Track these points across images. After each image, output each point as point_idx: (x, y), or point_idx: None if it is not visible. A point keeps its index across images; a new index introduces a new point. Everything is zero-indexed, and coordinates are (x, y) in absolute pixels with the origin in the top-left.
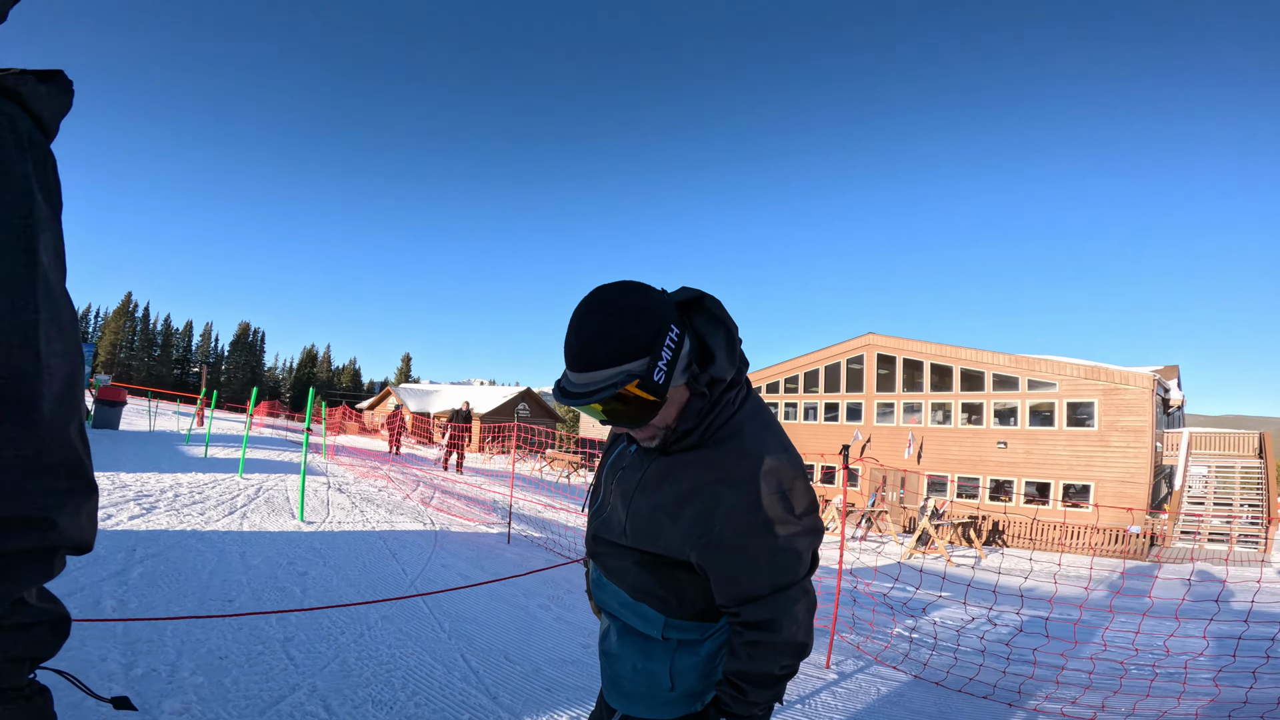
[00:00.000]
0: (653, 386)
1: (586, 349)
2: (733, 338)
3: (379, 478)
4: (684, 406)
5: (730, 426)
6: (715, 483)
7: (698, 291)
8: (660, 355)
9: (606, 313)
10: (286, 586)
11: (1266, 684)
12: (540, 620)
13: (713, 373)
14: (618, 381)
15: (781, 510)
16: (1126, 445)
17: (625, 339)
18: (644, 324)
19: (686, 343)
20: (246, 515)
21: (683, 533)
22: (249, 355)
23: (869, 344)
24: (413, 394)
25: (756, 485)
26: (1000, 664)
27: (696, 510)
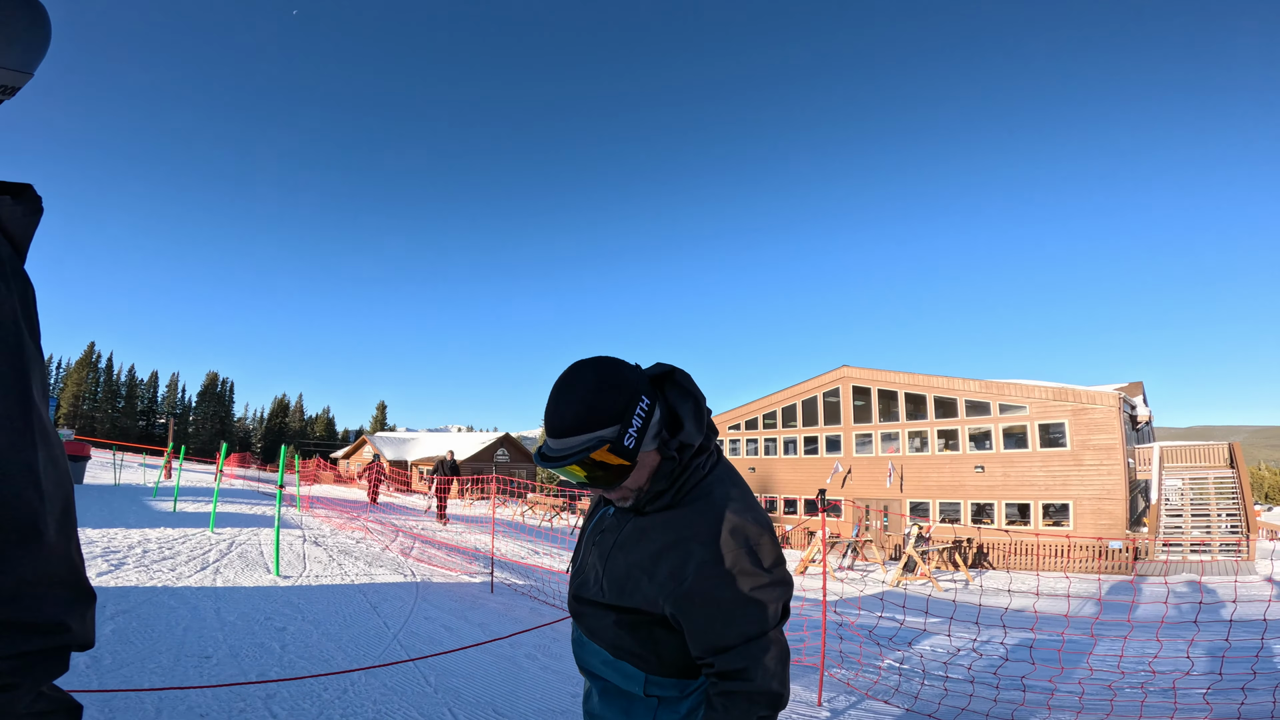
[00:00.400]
0: (623, 451)
1: (564, 417)
2: (700, 407)
3: (356, 529)
4: (655, 469)
5: (701, 488)
6: (687, 539)
7: (669, 366)
8: (631, 423)
9: (583, 385)
10: (265, 642)
11: (1259, 697)
12: (527, 670)
13: (681, 439)
14: (590, 446)
15: (749, 564)
16: (1099, 463)
17: (598, 408)
18: (616, 395)
19: (657, 412)
20: (219, 570)
21: (658, 587)
22: (218, 406)
23: (844, 377)
24: (389, 442)
25: (725, 541)
26: (990, 691)
27: (670, 565)
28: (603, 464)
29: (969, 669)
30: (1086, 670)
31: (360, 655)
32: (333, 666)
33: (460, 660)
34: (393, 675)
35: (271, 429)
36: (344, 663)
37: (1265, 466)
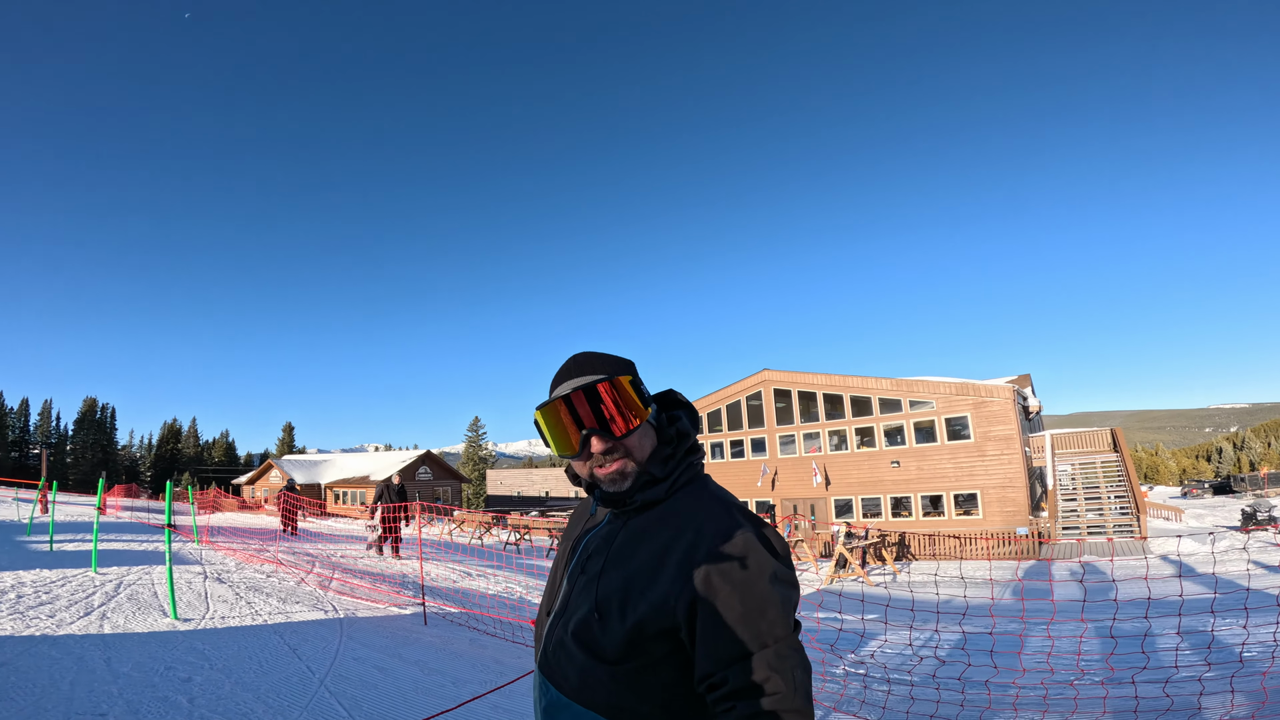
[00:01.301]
0: (641, 392)
1: (581, 363)
2: (693, 412)
3: (266, 561)
4: (654, 450)
5: (697, 482)
6: (694, 523)
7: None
8: (640, 382)
9: (587, 356)
10: (169, 696)
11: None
12: (476, 711)
13: (679, 427)
14: (616, 371)
15: (761, 550)
16: (1000, 453)
17: (612, 363)
18: (625, 363)
19: (654, 408)
20: (107, 615)
21: (667, 584)
22: (98, 434)
23: (765, 380)
24: (299, 465)
25: (735, 525)
26: (956, 695)
27: (677, 557)
28: (617, 400)
29: (933, 676)
30: (1042, 662)
31: (284, 706)
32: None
33: (397, 704)
34: None
35: (162, 456)
36: (265, 716)
37: (1141, 448)
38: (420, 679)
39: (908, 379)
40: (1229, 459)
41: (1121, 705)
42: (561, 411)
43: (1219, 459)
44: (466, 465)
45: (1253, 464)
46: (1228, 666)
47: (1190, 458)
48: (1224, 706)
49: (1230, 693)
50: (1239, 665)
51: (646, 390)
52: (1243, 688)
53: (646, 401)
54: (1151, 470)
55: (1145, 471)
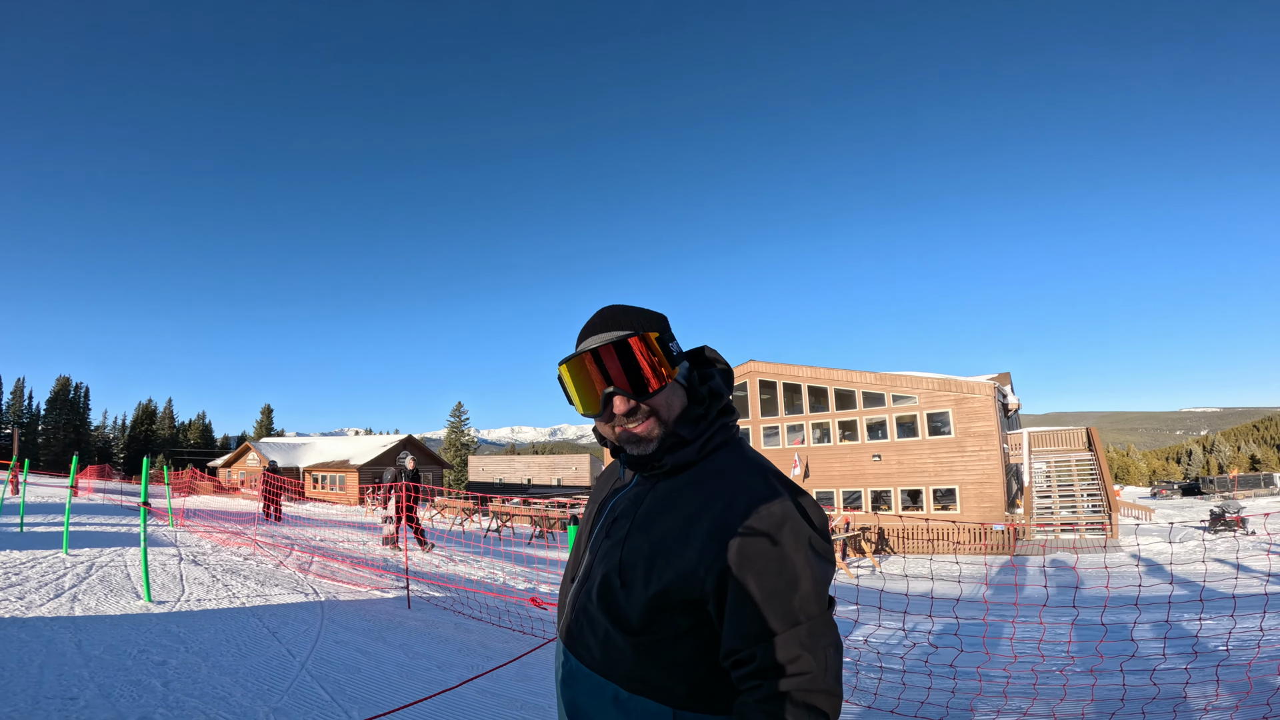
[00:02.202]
0: (669, 348)
1: (605, 318)
2: (729, 374)
3: (243, 544)
4: (684, 409)
5: (728, 447)
6: (726, 488)
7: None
8: (672, 338)
9: (621, 308)
10: (142, 679)
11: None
12: (464, 695)
13: (712, 386)
14: (642, 326)
15: (800, 520)
16: (980, 449)
17: (642, 319)
18: (657, 318)
19: (685, 365)
20: (78, 597)
21: (696, 551)
22: (71, 414)
23: (751, 371)
24: (277, 448)
25: (771, 493)
26: (947, 683)
27: (709, 524)
28: (644, 356)
29: (925, 662)
30: (1024, 655)
31: (264, 690)
32: (231, 705)
33: (381, 687)
34: (305, 712)
35: (136, 437)
36: (244, 699)
37: (1113, 449)
38: (405, 662)
39: (891, 374)
40: (1198, 461)
41: (1107, 694)
42: (587, 366)
43: (1189, 461)
44: (449, 451)
45: (1221, 466)
46: (1211, 657)
47: (1161, 459)
48: (1208, 696)
49: (1216, 682)
50: (1224, 655)
51: (678, 346)
52: (1226, 678)
53: (676, 360)
54: (1122, 470)
55: (1116, 472)
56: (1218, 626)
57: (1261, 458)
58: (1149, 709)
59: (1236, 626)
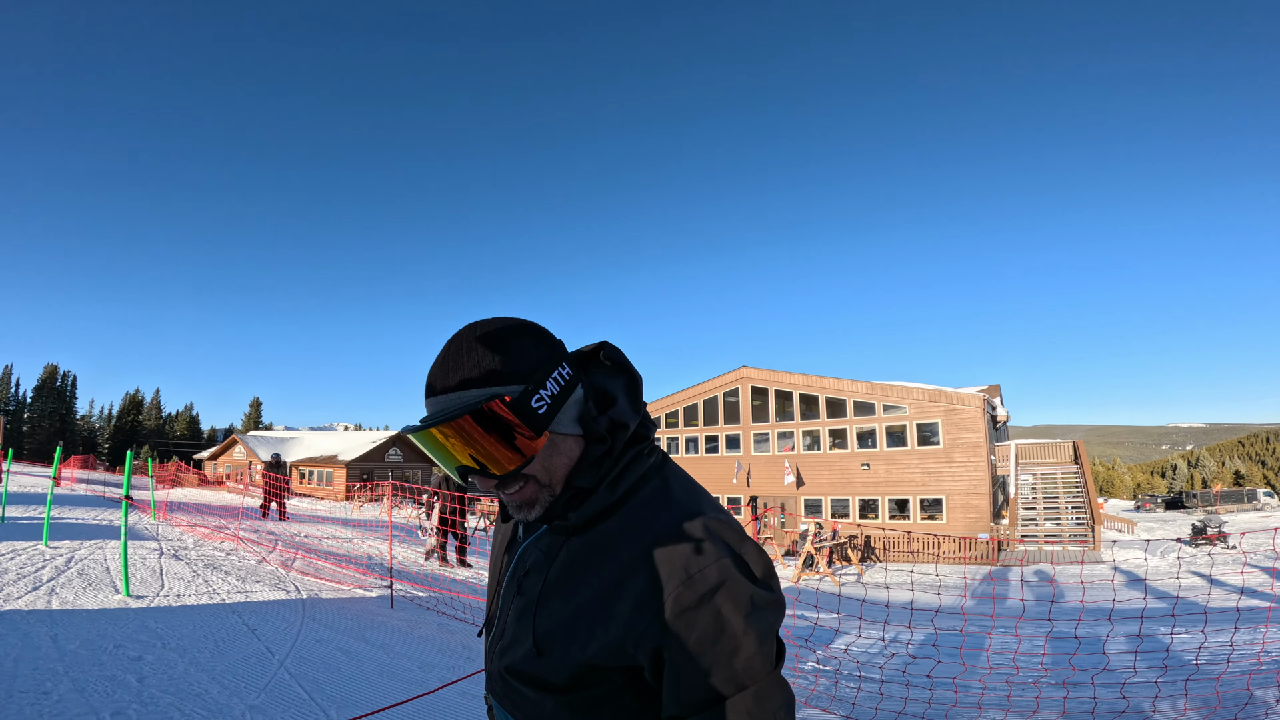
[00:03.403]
0: (528, 414)
1: (448, 369)
2: (635, 383)
3: (226, 539)
4: (579, 459)
5: (650, 485)
6: (652, 552)
7: (598, 343)
8: (543, 384)
9: (483, 332)
10: (117, 675)
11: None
12: (444, 697)
13: (612, 415)
14: (481, 398)
15: (739, 576)
16: (968, 460)
17: (499, 359)
18: (526, 348)
19: (579, 391)
20: (55, 591)
21: (622, 626)
22: (57, 402)
23: (743, 377)
24: (265, 442)
25: (705, 547)
26: (924, 694)
27: (635, 591)
28: (495, 432)
29: (903, 672)
30: (1000, 666)
31: (241, 687)
32: (206, 701)
33: (362, 688)
34: (283, 711)
35: (122, 428)
36: (220, 696)
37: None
38: (385, 662)
39: (882, 383)
40: (1183, 475)
41: (1079, 706)
42: (435, 439)
43: (1173, 475)
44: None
45: (1205, 481)
46: (1181, 670)
47: (1145, 473)
48: (1176, 711)
49: (1185, 695)
50: (1194, 669)
51: (562, 374)
52: (1196, 692)
53: (556, 403)
54: (1107, 483)
55: (1101, 485)
56: (1190, 640)
57: (1245, 473)
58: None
59: (1208, 640)
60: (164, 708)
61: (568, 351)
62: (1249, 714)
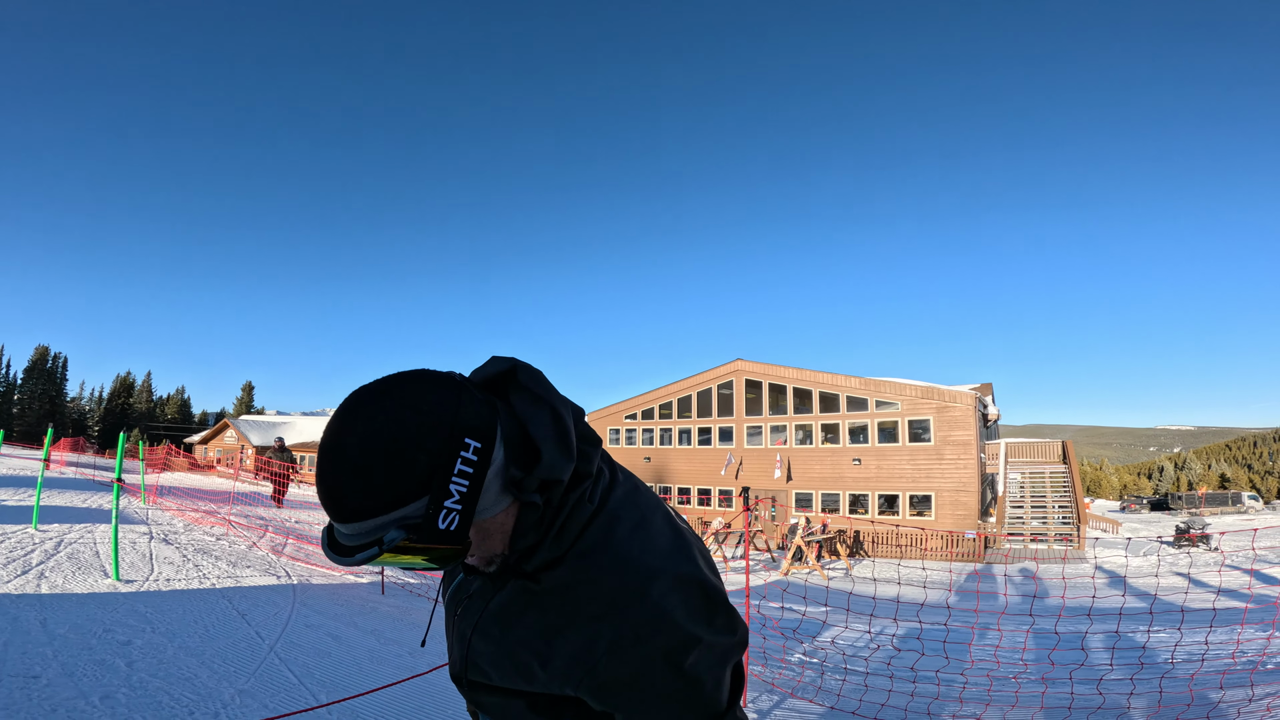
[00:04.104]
0: (439, 536)
1: (339, 491)
2: (560, 419)
3: (216, 523)
4: (514, 527)
5: (593, 531)
6: (589, 612)
7: (508, 362)
8: (447, 491)
9: (361, 438)
10: (106, 659)
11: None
12: (434, 683)
13: (541, 474)
14: (385, 537)
15: (686, 629)
16: (958, 457)
17: (388, 478)
18: (419, 447)
19: (499, 450)
20: (45, 575)
21: (559, 674)
22: (47, 384)
23: (737, 370)
24: (256, 426)
25: (646, 606)
26: (907, 686)
27: (571, 648)
28: (415, 552)
29: (888, 665)
30: (982, 660)
31: (230, 672)
32: (195, 686)
33: (352, 672)
34: (273, 695)
35: (112, 410)
36: (209, 680)
37: (1087, 462)
38: (376, 648)
39: (875, 379)
40: (1169, 478)
41: (1056, 702)
42: None
43: (1159, 477)
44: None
45: (1191, 484)
46: (1156, 669)
47: (1132, 474)
48: (1150, 708)
49: (1159, 693)
50: (1169, 667)
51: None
52: (1170, 689)
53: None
54: (1094, 484)
55: (1089, 485)
56: (1167, 639)
57: (1231, 476)
58: (1093, 718)
59: (1184, 640)
60: (153, 691)
61: (472, 393)
62: (1220, 713)
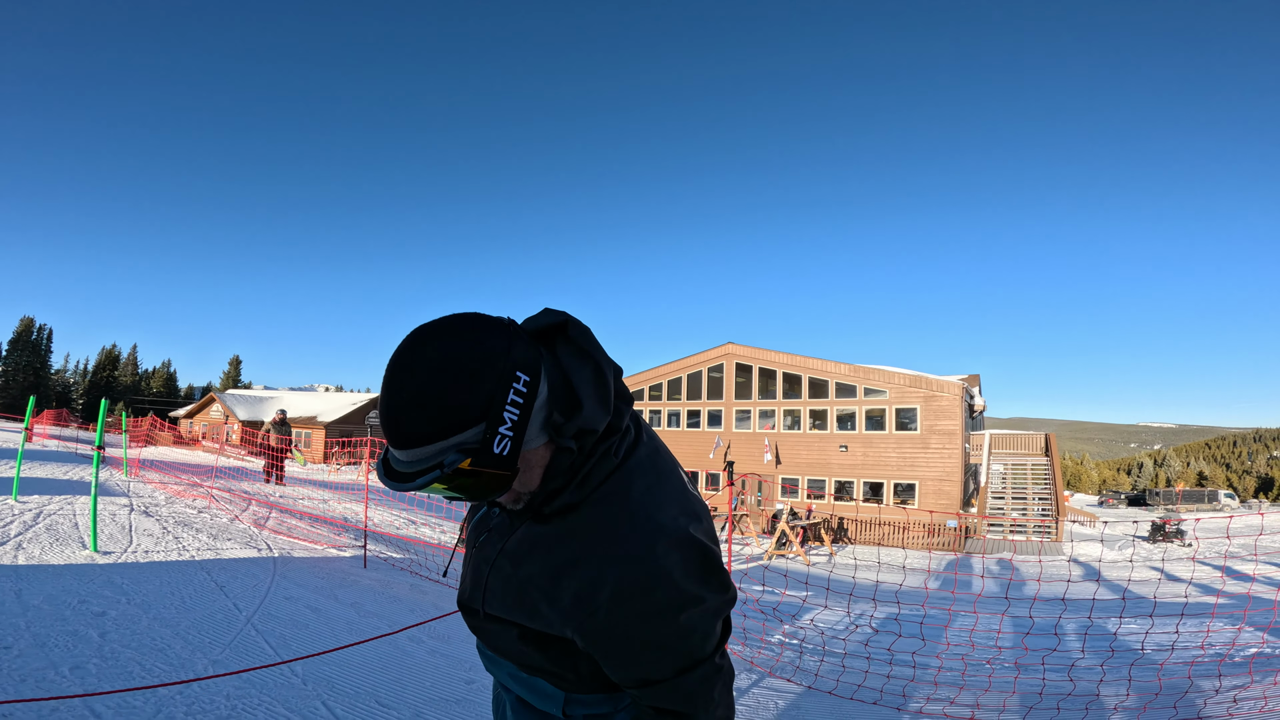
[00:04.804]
0: (494, 461)
1: (402, 419)
2: (602, 374)
3: (199, 497)
4: (548, 465)
5: (613, 483)
6: (597, 556)
7: (560, 315)
8: (501, 418)
9: (425, 368)
10: (79, 630)
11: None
12: (412, 655)
13: (580, 424)
14: (445, 461)
15: (683, 587)
16: (943, 447)
17: (451, 404)
18: (477, 377)
19: (544, 387)
20: (22, 546)
21: (562, 614)
22: (32, 356)
23: (728, 353)
24: (243, 401)
25: (650, 561)
26: (884, 668)
27: (576, 588)
28: (469, 477)
29: (865, 646)
30: (958, 644)
31: (205, 643)
32: (169, 656)
33: (329, 643)
34: (248, 664)
35: (97, 383)
36: (183, 651)
37: (1068, 456)
38: (355, 620)
39: (865, 366)
40: (1148, 474)
41: (1029, 688)
42: None
43: (1139, 473)
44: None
45: (1169, 480)
46: (1128, 655)
47: (1112, 469)
48: (1119, 695)
49: (1128, 681)
50: (1139, 654)
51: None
52: (1139, 678)
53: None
54: (1075, 478)
55: (1069, 479)
56: (1137, 629)
57: (1209, 475)
58: (1064, 704)
59: (1154, 631)
60: (124, 662)
61: (522, 336)
62: (1188, 702)
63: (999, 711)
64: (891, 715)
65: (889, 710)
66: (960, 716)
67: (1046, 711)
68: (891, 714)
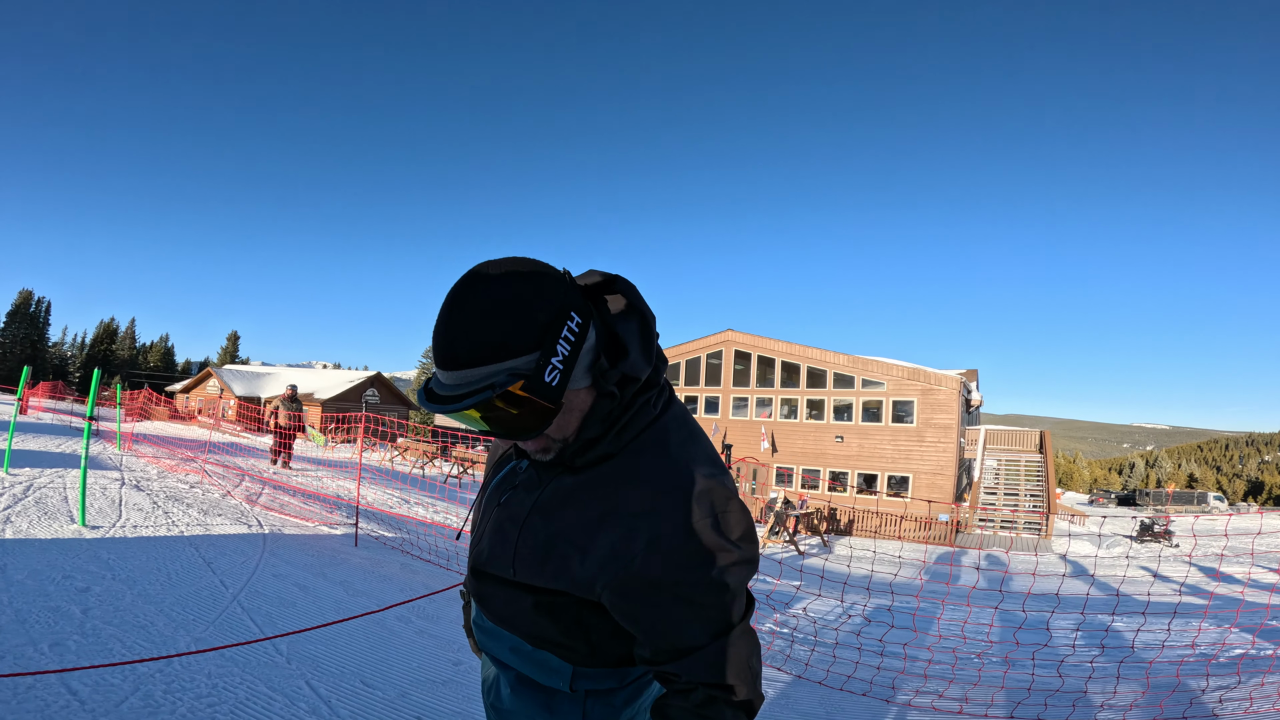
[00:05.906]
0: (544, 390)
1: (459, 340)
2: (649, 327)
3: (192, 472)
4: (588, 412)
5: (651, 434)
6: (635, 505)
7: (607, 274)
8: (554, 350)
9: (488, 295)
10: (61, 606)
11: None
12: (400, 635)
13: (624, 370)
14: (498, 381)
15: (717, 538)
16: (938, 440)
17: (509, 327)
18: (534, 309)
19: (591, 334)
20: (10, 519)
21: (595, 567)
22: (30, 328)
23: (728, 340)
24: (240, 376)
25: (687, 507)
26: (874, 660)
27: (613, 539)
28: (514, 405)
29: (856, 636)
30: (948, 636)
31: (189, 620)
32: (151, 634)
33: (316, 621)
34: (231, 642)
35: (94, 357)
36: (165, 628)
37: (1061, 454)
38: (343, 599)
39: (863, 358)
40: (1139, 474)
41: (1017, 683)
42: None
43: (1130, 473)
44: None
45: (1160, 481)
46: (1116, 653)
47: (1104, 469)
48: (1106, 693)
49: (1116, 678)
50: (1129, 652)
51: (570, 330)
52: (1128, 675)
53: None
54: (1066, 476)
55: (1061, 477)
56: (1126, 628)
57: (1200, 477)
58: (1051, 701)
59: (1143, 631)
60: (105, 640)
61: (576, 287)
62: (1175, 700)
63: (986, 706)
64: (880, 707)
65: (878, 702)
66: (948, 710)
67: (1034, 707)
68: (880, 705)
